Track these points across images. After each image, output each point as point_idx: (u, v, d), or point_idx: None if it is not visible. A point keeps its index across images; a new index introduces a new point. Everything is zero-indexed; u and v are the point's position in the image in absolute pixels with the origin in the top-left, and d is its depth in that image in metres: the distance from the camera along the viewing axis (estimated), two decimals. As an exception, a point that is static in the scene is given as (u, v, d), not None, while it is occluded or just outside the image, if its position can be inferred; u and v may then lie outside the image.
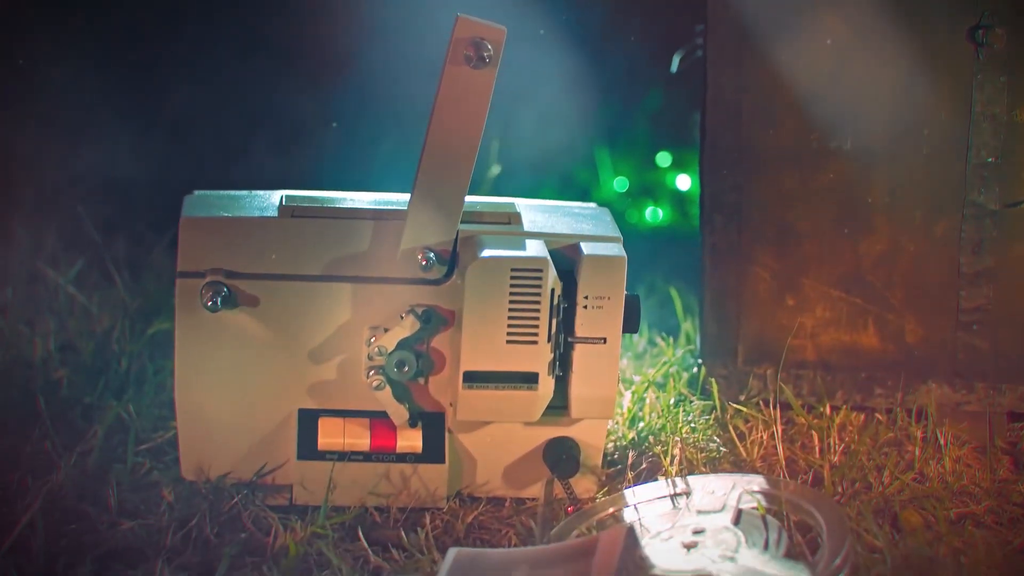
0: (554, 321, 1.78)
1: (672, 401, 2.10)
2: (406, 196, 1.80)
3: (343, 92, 2.97)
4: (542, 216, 1.88)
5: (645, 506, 1.80)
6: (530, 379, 1.79)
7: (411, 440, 1.84)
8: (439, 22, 1.81)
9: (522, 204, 1.90)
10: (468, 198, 1.80)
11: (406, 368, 1.81)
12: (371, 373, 1.81)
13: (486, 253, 1.76)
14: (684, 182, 2.97)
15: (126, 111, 2.99)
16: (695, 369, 2.20)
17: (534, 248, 1.78)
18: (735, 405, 2.10)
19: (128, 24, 2.96)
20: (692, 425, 2.04)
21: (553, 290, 1.77)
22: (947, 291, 2.07)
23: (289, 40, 3.03)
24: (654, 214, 2.97)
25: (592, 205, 1.96)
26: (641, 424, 2.05)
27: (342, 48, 2.93)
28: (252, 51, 3.02)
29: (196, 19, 2.98)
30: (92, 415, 2.02)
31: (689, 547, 1.65)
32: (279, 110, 3.05)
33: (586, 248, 1.79)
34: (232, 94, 3.02)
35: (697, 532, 1.69)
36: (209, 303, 1.78)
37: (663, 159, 3.01)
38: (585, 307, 1.79)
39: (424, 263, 1.80)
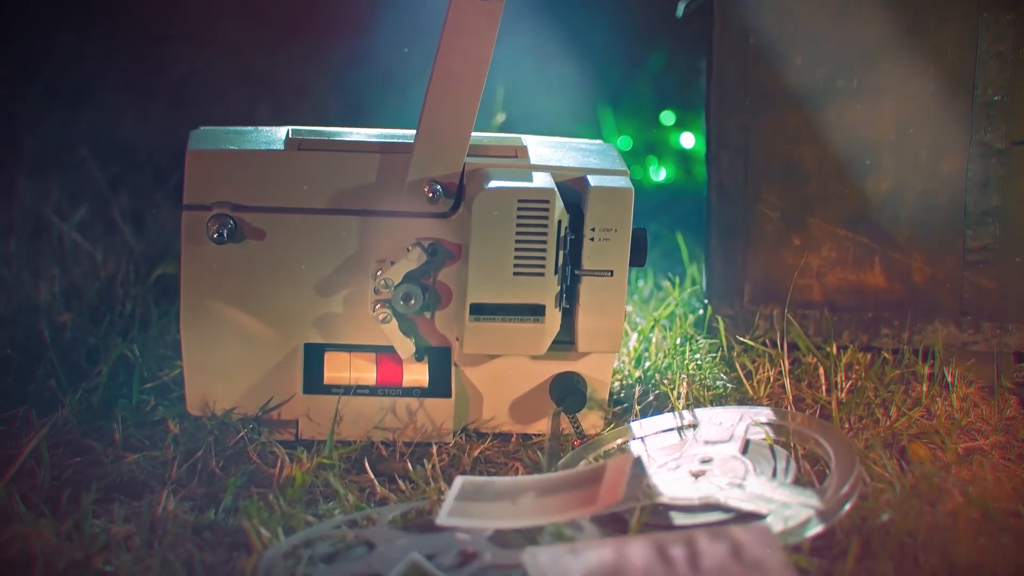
0: (561, 253, 1.78)
1: (678, 340, 2.10)
2: (413, 132, 1.79)
3: (347, 55, 2.97)
4: (549, 150, 1.87)
5: (652, 438, 1.80)
6: (537, 311, 1.78)
7: (417, 374, 1.83)
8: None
9: (529, 139, 1.89)
10: (475, 134, 1.79)
11: (412, 301, 1.81)
12: (377, 306, 1.81)
13: (493, 184, 1.75)
14: (688, 140, 2.97)
15: (129, 76, 2.99)
16: (700, 311, 2.19)
17: (541, 180, 1.78)
18: (743, 338, 2.09)
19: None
20: (698, 362, 2.04)
21: (560, 222, 1.76)
22: (954, 230, 2.06)
23: (291, 4, 3.03)
24: (657, 171, 2.97)
25: (598, 141, 1.95)
26: (647, 363, 2.05)
27: (344, 11, 2.93)
28: (254, 15, 3.02)
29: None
30: (97, 356, 2.02)
31: (697, 475, 1.65)
32: (281, 73, 3.05)
33: (593, 180, 1.79)
34: (234, 58, 3.03)
35: (704, 461, 1.68)
36: (215, 235, 1.77)
37: (667, 118, 3.01)
38: (592, 239, 1.78)
39: (431, 195, 1.79)
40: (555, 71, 2.93)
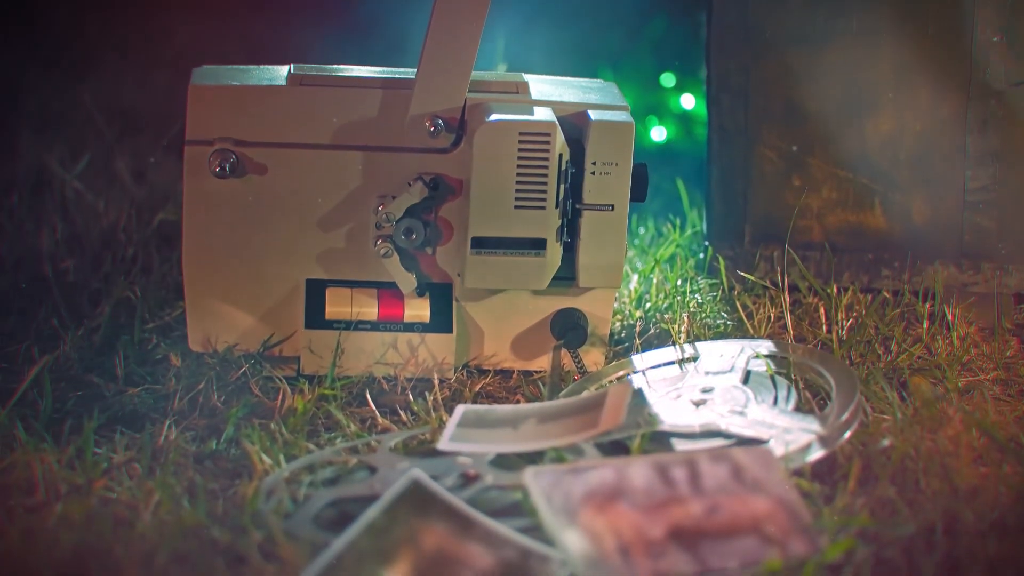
0: (562, 187, 1.78)
1: (679, 281, 2.10)
2: (415, 69, 1.79)
3: (347, 29, 2.97)
4: (550, 87, 1.87)
5: (653, 370, 1.80)
6: (538, 245, 1.79)
7: (418, 310, 1.84)
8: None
9: (530, 76, 1.89)
10: (476, 71, 1.79)
11: (414, 236, 1.81)
12: (379, 241, 1.81)
13: (494, 117, 1.75)
14: (688, 101, 2.97)
15: (130, 45, 2.99)
16: (701, 255, 2.20)
17: (542, 114, 1.78)
18: (745, 273, 2.09)
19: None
20: (699, 301, 2.04)
21: (561, 155, 1.77)
22: (953, 171, 2.07)
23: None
24: (658, 131, 2.97)
25: (599, 80, 1.95)
26: (648, 304, 2.05)
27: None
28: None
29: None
30: (99, 300, 2.02)
31: (698, 404, 1.65)
32: (284, 43, 3.05)
33: (594, 115, 1.79)
34: (236, 27, 3.02)
35: (706, 391, 1.68)
36: (217, 170, 1.78)
37: (667, 80, 3.01)
38: (593, 173, 1.79)
39: (432, 129, 1.79)
40: (556, 33, 2.93)
